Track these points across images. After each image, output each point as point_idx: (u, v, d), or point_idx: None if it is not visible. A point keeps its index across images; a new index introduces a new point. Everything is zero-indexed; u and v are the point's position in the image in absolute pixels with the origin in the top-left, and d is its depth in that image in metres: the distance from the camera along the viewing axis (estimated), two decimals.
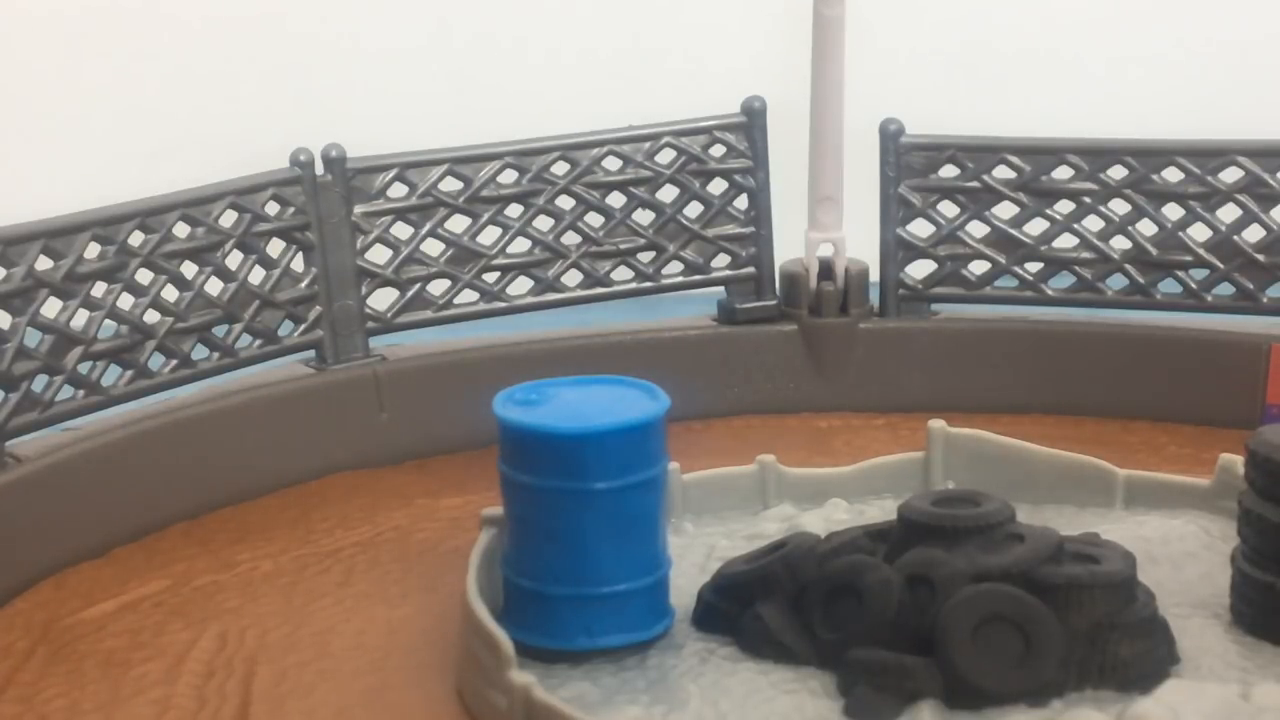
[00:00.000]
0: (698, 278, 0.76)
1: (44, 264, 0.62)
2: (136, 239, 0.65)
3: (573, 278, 0.74)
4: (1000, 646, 0.47)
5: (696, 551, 0.58)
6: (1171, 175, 0.72)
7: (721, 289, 0.77)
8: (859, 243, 0.76)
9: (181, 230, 0.66)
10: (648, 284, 0.76)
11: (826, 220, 0.76)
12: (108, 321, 0.64)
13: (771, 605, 0.51)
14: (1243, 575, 0.51)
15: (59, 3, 1.08)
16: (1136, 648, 0.48)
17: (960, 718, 0.47)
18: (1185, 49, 1.11)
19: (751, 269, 0.76)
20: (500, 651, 0.48)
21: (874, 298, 0.77)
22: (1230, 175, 0.71)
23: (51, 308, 0.62)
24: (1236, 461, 0.56)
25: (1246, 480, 0.52)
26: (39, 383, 0.62)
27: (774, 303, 0.77)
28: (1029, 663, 0.47)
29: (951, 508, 0.51)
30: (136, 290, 0.65)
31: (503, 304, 0.74)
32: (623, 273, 0.75)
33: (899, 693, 0.47)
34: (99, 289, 0.64)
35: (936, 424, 0.62)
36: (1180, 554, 0.56)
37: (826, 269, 0.76)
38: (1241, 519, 0.52)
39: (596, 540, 0.51)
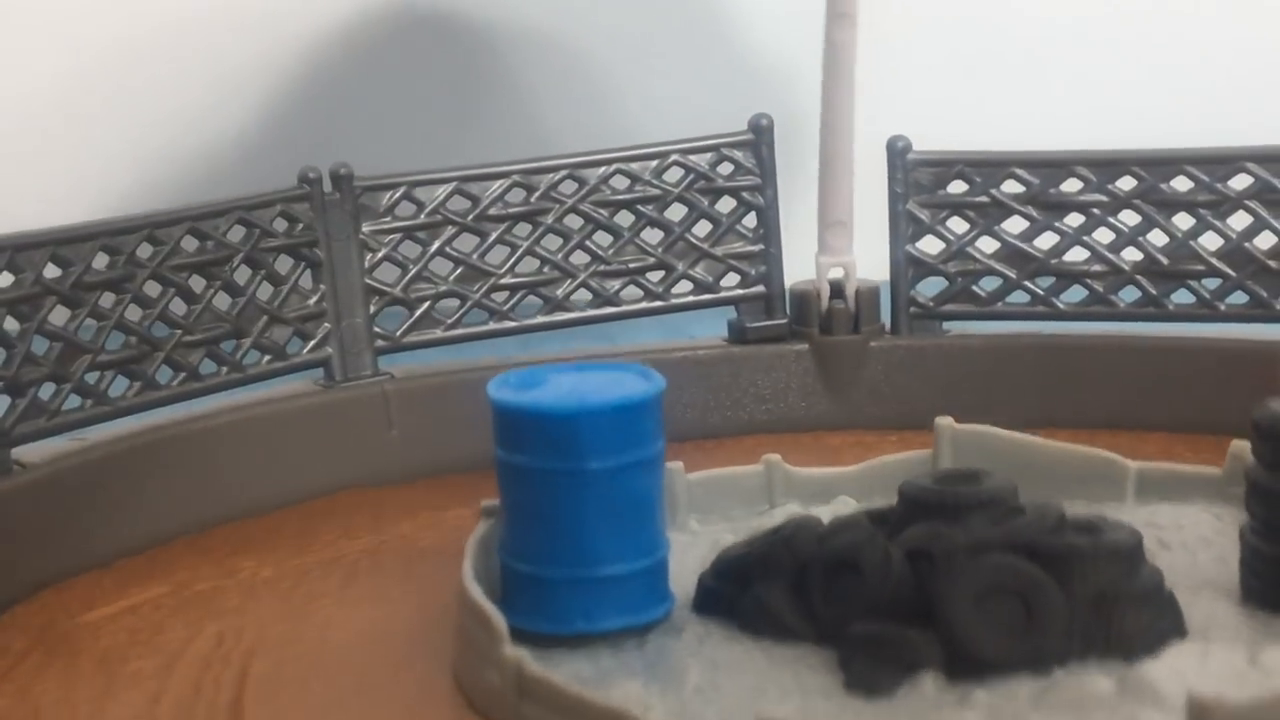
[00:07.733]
0: (707, 296, 0.76)
1: (52, 272, 0.62)
2: (145, 251, 0.65)
3: (582, 297, 0.74)
4: (1002, 616, 0.46)
5: (702, 549, 0.57)
6: (1181, 184, 0.72)
7: (731, 308, 0.77)
8: (868, 260, 0.76)
9: (190, 244, 0.66)
10: (657, 303, 0.75)
11: (837, 244, 0.76)
12: (115, 332, 0.64)
13: (772, 585, 0.50)
14: (1251, 549, 0.50)
15: (64, 9, 1.08)
16: (1142, 618, 0.47)
17: (962, 688, 0.46)
18: (1191, 56, 1.10)
19: (761, 288, 0.76)
20: (493, 627, 0.47)
21: (885, 315, 0.76)
22: (1240, 182, 0.71)
23: (59, 316, 0.63)
24: (1246, 448, 0.55)
25: (1254, 454, 0.51)
26: (46, 390, 0.62)
27: (784, 321, 0.76)
28: (1031, 632, 0.46)
29: (953, 484, 0.51)
30: (144, 302, 0.65)
31: (512, 323, 0.74)
32: (632, 291, 0.75)
33: (899, 663, 0.46)
34: (107, 299, 0.64)
35: (944, 420, 0.61)
36: (1194, 539, 0.55)
37: (837, 290, 0.76)
38: (1249, 492, 0.51)
39: (593, 521, 0.50)
